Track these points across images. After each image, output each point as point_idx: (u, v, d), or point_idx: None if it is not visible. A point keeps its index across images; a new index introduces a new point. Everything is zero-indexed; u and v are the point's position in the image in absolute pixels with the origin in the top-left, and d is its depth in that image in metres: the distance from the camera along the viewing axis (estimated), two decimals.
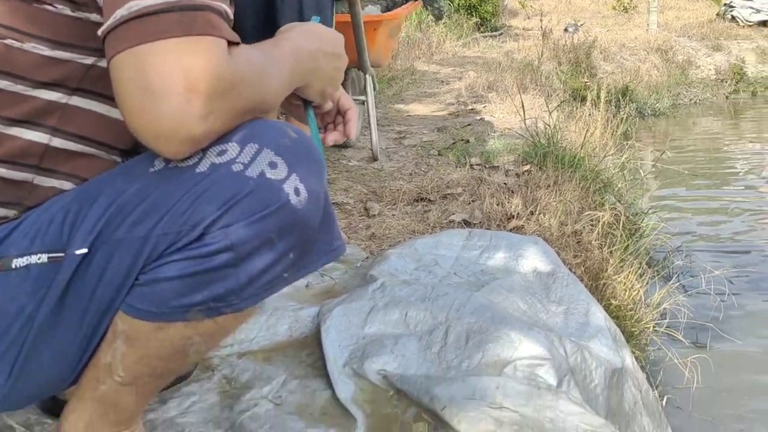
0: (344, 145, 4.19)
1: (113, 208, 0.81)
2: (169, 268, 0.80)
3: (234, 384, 1.40)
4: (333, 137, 1.11)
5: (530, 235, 2.37)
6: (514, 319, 1.70)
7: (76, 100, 0.86)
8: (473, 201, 3.09)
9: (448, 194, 3.20)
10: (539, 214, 2.90)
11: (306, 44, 0.96)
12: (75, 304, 0.84)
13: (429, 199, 3.15)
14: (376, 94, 3.86)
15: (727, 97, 10.42)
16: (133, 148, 0.91)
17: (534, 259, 2.08)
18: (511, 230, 2.75)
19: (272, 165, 0.80)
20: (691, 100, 10.17)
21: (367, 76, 3.59)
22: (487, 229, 2.73)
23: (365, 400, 1.38)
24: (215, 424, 1.25)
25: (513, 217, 2.91)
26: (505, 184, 3.34)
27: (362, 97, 3.70)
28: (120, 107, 0.75)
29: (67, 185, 0.89)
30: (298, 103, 1.05)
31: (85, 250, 0.81)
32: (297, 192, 0.81)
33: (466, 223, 2.81)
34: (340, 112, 1.11)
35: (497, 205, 3.01)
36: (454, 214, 2.92)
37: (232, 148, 0.80)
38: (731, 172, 6.69)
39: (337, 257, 0.90)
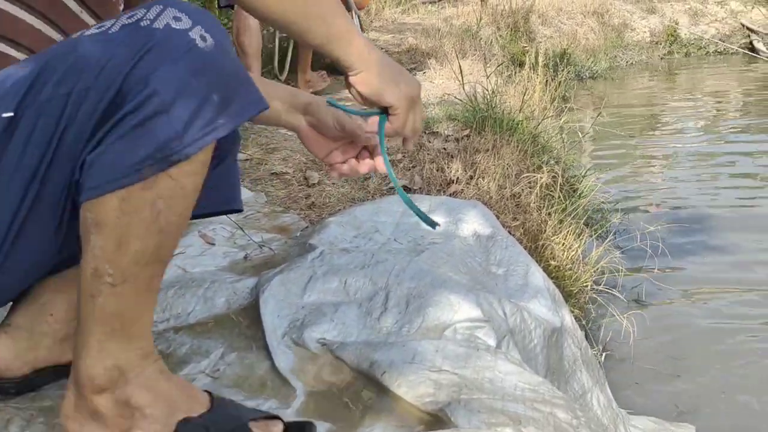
0: None
1: (36, 71, 0.86)
2: (109, 136, 0.84)
3: (170, 360, 1.37)
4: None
5: (469, 200, 2.38)
6: (453, 282, 1.70)
7: None
8: (413, 167, 3.09)
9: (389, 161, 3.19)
10: (478, 178, 2.91)
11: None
12: (4, 170, 0.87)
13: None
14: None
15: (662, 58, 10.63)
16: None
17: (473, 223, 2.09)
18: (451, 195, 2.76)
19: (176, 19, 0.86)
20: (627, 62, 10.34)
21: (353, 14, 3.52)
22: (427, 194, 2.73)
23: (304, 370, 1.36)
24: None
25: (453, 181, 2.92)
26: (444, 149, 3.34)
27: None
28: None
29: None
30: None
31: (11, 114, 0.85)
32: (203, 39, 0.86)
33: (407, 189, 2.81)
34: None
35: (437, 170, 3.02)
36: None
37: (139, 12, 0.87)
38: (667, 130, 6.84)
39: (264, 108, 0.92)
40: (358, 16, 3.46)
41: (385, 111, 1.07)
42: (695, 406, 2.49)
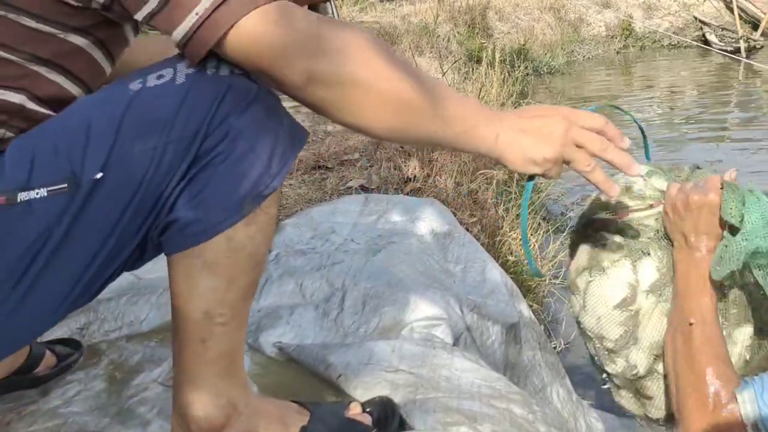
0: None
1: (115, 127, 0.84)
2: (201, 180, 0.86)
3: (122, 369, 1.34)
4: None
5: (426, 198, 2.38)
6: (410, 281, 1.70)
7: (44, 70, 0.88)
8: (371, 166, 3.08)
9: (346, 161, 3.18)
10: (435, 175, 2.92)
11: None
12: (88, 230, 0.84)
13: (326, 167, 3.12)
14: None
15: (617, 52, 10.78)
16: None
17: (430, 221, 2.09)
18: (408, 193, 2.76)
19: (232, 67, 0.87)
20: (584, 56, 10.47)
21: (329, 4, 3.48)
22: (385, 193, 2.73)
23: (260, 374, 1.35)
24: (101, 412, 1.19)
25: (410, 180, 2.92)
26: (401, 147, 3.34)
27: None
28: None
29: None
30: None
31: (99, 174, 0.82)
32: (256, 82, 0.89)
33: (364, 189, 2.80)
34: None
35: (394, 169, 3.02)
36: (351, 180, 2.90)
37: (192, 64, 0.88)
38: (624, 123, 6.93)
39: (306, 134, 0.97)
40: (334, 4, 3.43)
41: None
42: None
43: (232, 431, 0.97)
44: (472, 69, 5.87)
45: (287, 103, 0.95)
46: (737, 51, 9.51)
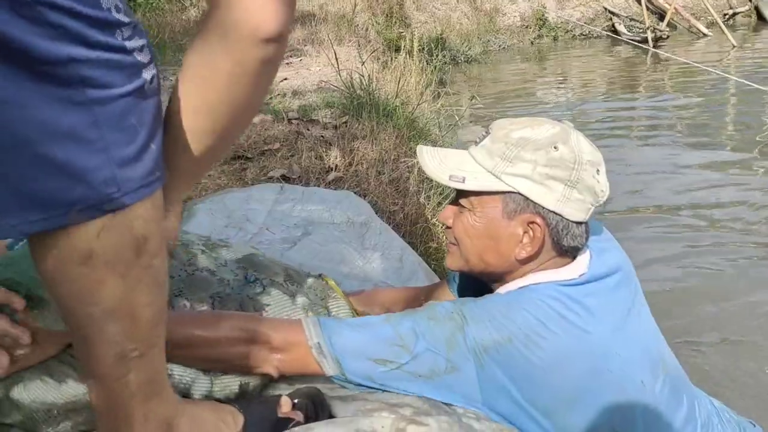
0: None
1: None
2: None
3: None
4: None
5: (343, 190, 2.38)
6: (328, 271, 1.70)
7: None
8: (292, 156, 3.06)
9: (266, 150, 3.15)
10: (357, 164, 2.92)
11: None
12: None
13: (246, 157, 3.08)
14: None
15: (532, 42, 11.02)
16: None
17: (347, 212, 2.09)
18: (330, 182, 2.76)
19: None
20: (500, 46, 10.65)
21: None
22: (306, 183, 2.72)
23: None
24: None
25: (332, 169, 2.92)
26: (323, 137, 3.33)
27: None
28: None
29: None
30: None
31: None
32: None
33: (285, 179, 2.78)
34: None
35: (316, 158, 3.00)
36: (272, 170, 2.88)
37: None
38: (540, 110, 7.11)
39: None
40: None
41: None
42: None
43: None
44: (392, 58, 5.89)
45: None
46: (645, 41, 9.87)
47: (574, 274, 1.22)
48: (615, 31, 10.72)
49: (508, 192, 1.21)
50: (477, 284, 1.39)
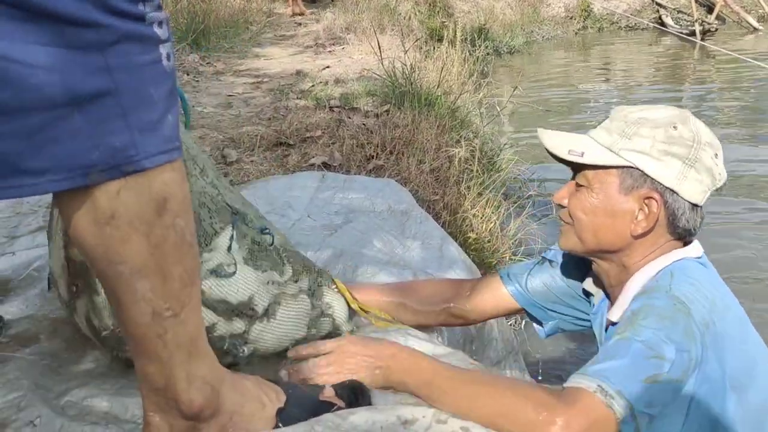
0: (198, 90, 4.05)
1: None
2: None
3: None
4: None
5: (384, 178, 2.38)
6: (367, 259, 1.71)
7: None
8: (333, 143, 3.07)
9: (308, 137, 3.17)
10: (398, 153, 2.92)
11: None
12: None
13: (288, 144, 3.10)
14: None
15: (576, 33, 10.87)
16: None
17: (388, 200, 2.09)
18: (371, 170, 2.76)
19: None
20: (543, 37, 10.54)
21: None
22: (347, 171, 2.73)
23: None
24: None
25: (372, 157, 2.92)
26: (364, 125, 3.34)
27: None
28: None
29: None
30: None
31: None
32: None
33: (326, 166, 2.79)
34: None
35: (357, 146, 3.01)
36: (313, 157, 2.89)
37: None
38: (582, 101, 7.02)
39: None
40: None
41: None
42: None
43: (211, 410, 0.96)
44: (434, 48, 5.87)
45: None
46: (692, 33, 9.66)
47: (699, 252, 1.24)
48: (662, 23, 10.51)
49: (626, 167, 1.22)
50: (579, 270, 1.40)
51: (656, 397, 1.05)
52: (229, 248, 1.21)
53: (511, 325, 2.56)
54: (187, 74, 4.40)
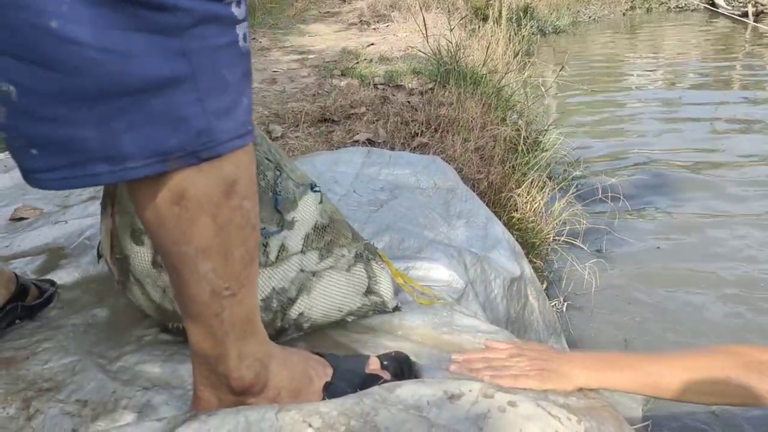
0: None
1: None
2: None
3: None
4: None
5: (429, 155, 2.37)
6: (413, 235, 1.70)
7: None
8: (377, 120, 3.07)
9: (352, 114, 3.17)
10: (443, 131, 2.90)
11: None
12: None
13: (333, 120, 3.11)
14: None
15: (624, 14, 10.65)
16: None
17: (433, 177, 2.08)
18: (415, 148, 2.75)
19: None
20: (590, 17, 10.34)
21: None
22: (391, 148, 2.72)
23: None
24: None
25: (417, 134, 2.91)
26: (408, 102, 3.32)
27: None
28: None
29: None
30: None
31: None
32: None
33: (371, 142, 2.79)
34: None
35: (401, 123, 3.00)
36: (358, 133, 2.89)
37: None
38: (629, 85, 6.88)
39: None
40: None
41: None
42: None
43: (260, 386, 0.98)
44: (479, 26, 5.80)
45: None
46: (745, 15, 9.39)
47: None
48: (713, 4, 10.23)
49: None
50: None
51: None
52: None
53: (553, 306, 2.54)
54: None
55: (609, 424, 1.01)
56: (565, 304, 2.60)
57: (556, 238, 2.81)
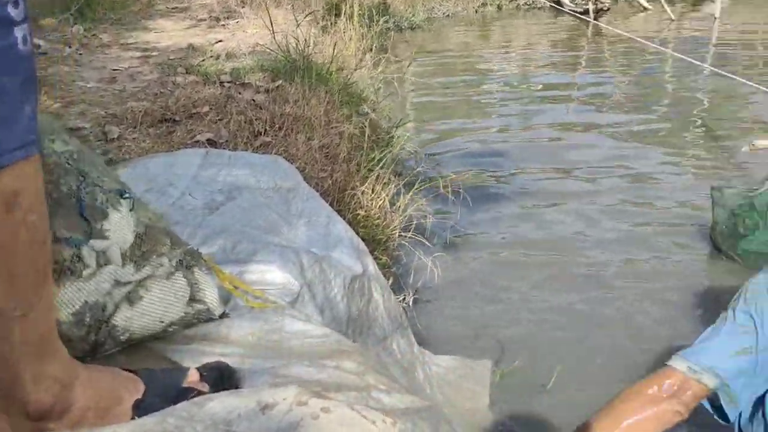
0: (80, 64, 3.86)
1: None
2: None
3: None
4: None
5: (271, 154, 2.34)
6: (249, 238, 1.67)
7: None
8: (220, 119, 2.99)
9: (195, 113, 3.07)
10: (287, 130, 2.87)
11: None
12: None
13: (174, 120, 3.00)
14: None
15: (476, 10, 11.00)
16: None
17: (274, 177, 2.05)
18: (258, 147, 2.70)
19: None
20: (444, 14, 10.61)
21: None
22: (234, 147, 2.66)
23: None
24: None
25: (260, 133, 2.86)
26: (254, 101, 3.26)
27: None
28: None
29: None
30: None
31: None
32: None
33: (212, 143, 2.72)
34: None
35: (245, 122, 2.94)
36: (199, 133, 2.81)
37: None
38: (482, 79, 7.11)
39: None
40: None
41: None
42: (495, 343, 2.64)
43: (61, 409, 0.91)
44: (332, 23, 5.80)
45: None
46: (586, 12, 9.94)
47: None
48: (558, 3, 10.76)
49: None
50: None
51: (749, 365, 1.22)
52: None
53: (402, 299, 2.58)
54: (69, 47, 4.19)
55: (424, 424, 1.02)
56: (412, 297, 2.64)
57: (402, 234, 2.85)
